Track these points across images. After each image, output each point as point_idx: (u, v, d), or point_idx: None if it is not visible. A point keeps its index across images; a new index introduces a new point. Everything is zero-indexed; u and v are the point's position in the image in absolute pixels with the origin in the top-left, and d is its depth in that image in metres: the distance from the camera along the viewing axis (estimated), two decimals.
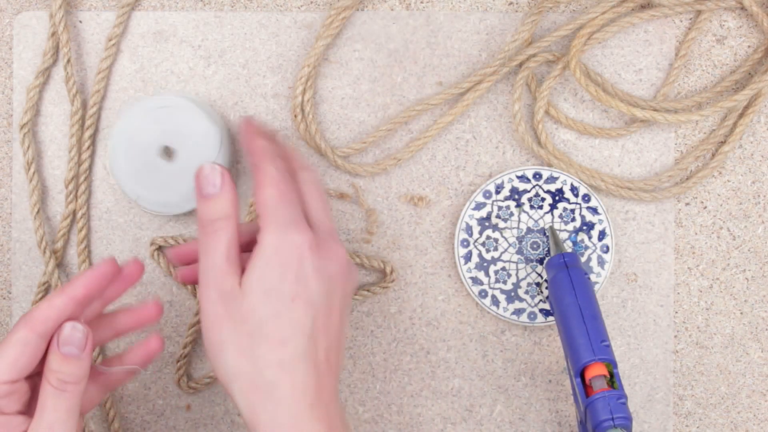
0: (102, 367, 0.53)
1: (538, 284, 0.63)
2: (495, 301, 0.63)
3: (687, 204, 0.64)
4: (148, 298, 0.58)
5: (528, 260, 0.63)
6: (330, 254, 0.50)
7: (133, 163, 0.61)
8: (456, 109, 0.63)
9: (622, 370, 0.64)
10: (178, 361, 0.63)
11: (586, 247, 0.63)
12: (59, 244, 0.63)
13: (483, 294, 0.63)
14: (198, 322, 0.63)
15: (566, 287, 0.57)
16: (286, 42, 0.64)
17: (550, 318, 0.62)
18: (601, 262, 0.63)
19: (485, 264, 0.63)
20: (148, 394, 0.64)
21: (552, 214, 0.63)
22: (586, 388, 0.54)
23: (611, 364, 0.54)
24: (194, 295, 0.63)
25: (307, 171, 0.54)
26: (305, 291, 0.49)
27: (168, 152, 0.62)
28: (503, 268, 0.63)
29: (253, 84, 0.64)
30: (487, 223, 0.63)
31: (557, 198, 0.63)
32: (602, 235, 0.63)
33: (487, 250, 0.63)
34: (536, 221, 0.63)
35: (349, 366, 0.64)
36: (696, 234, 0.64)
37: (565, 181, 0.63)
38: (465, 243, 0.63)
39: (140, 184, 0.61)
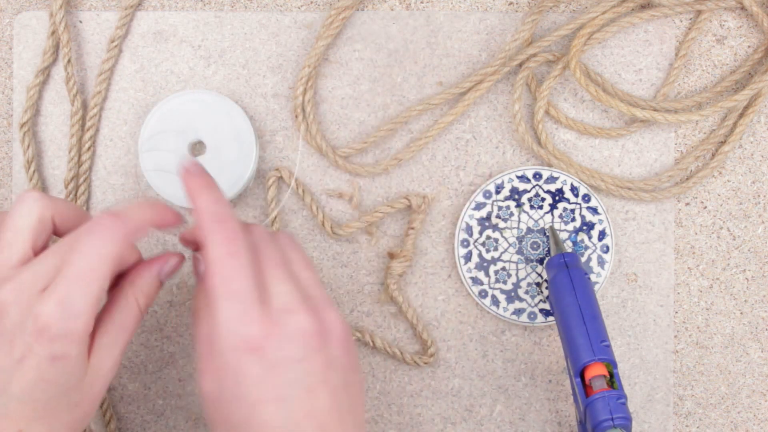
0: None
1: (538, 284, 0.63)
2: (495, 301, 0.63)
3: (687, 204, 0.64)
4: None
5: (528, 260, 0.63)
6: (290, 333, 0.45)
7: (166, 167, 0.61)
8: (456, 109, 0.63)
9: (622, 370, 0.64)
10: None
11: (586, 247, 0.63)
12: None
13: (483, 294, 0.63)
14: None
15: (566, 287, 0.57)
16: (286, 42, 0.64)
17: (550, 318, 0.62)
18: (601, 262, 0.63)
19: (485, 264, 0.63)
20: (148, 394, 0.64)
21: (552, 214, 0.63)
22: (585, 388, 0.54)
23: (611, 364, 0.54)
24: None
25: (253, 232, 0.48)
26: (269, 390, 0.45)
27: (196, 147, 0.62)
28: (503, 268, 0.63)
29: (253, 84, 0.64)
30: (487, 223, 0.63)
31: (557, 198, 0.63)
32: (602, 235, 0.63)
33: (487, 250, 0.63)
34: (536, 221, 0.63)
35: None
36: (696, 234, 0.64)
37: (565, 181, 0.63)
38: (465, 243, 0.63)
39: (176, 186, 0.61)
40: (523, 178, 0.63)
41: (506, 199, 0.63)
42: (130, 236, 0.46)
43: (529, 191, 0.63)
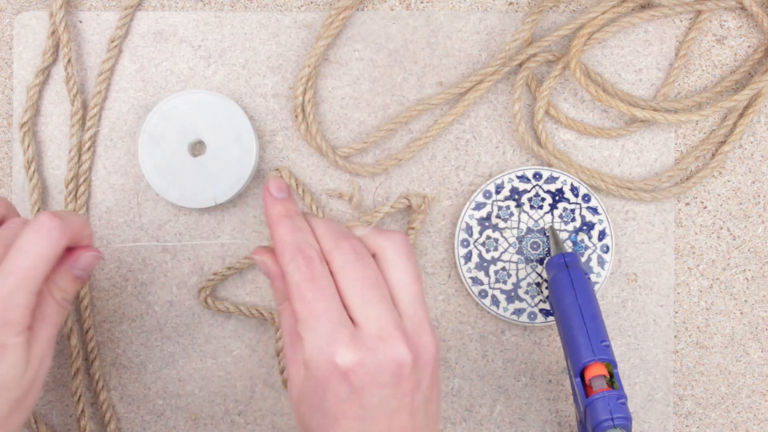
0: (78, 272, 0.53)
1: (538, 284, 0.63)
2: (495, 301, 0.63)
3: (687, 204, 0.64)
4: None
5: (528, 260, 0.63)
6: (383, 362, 0.45)
7: (166, 167, 0.61)
8: (456, 109, 0.63)
9: (622, 370, 0.64)
10: None
11: (586, 247, 0.63)
12: None
13: (483, 294, 0.63)
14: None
15: (566, 287, 0.57)
16: (286, 42, 0.64)
17: (550, 318, 0.62)
18: (601, 262, 0.63)
19: (485, 264, 0.63)
20: (148, 394, 0.64)
21: (552, 214, 0.63)
22: (585, 388, 0.54)
23: (611, 364, 0.54)
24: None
25: (341, 252, 0.47)
26: (351, 409, 0.45)
27: (196, 147, 0.62)
28: (503, 268, 0.63)
29: (253, 84, 0.64)
30: (487, 223, 0.63)
31: (557, 198, 0.63)
32: (602, 235, 0.63)
33: (487, 250, 0.63)
34: (536, 221, 0.63)
35: None
36: (696, 234, 0.64)
37: (565, 181, 0.63)
38: (465, 243, 0.63)
39: (176, 187, 0.61)
40: (523, 178, 0.63)
41: (506, 199, 0.63)
42: (68, 239, 0.49)
43: (529, 191, 0.63)
